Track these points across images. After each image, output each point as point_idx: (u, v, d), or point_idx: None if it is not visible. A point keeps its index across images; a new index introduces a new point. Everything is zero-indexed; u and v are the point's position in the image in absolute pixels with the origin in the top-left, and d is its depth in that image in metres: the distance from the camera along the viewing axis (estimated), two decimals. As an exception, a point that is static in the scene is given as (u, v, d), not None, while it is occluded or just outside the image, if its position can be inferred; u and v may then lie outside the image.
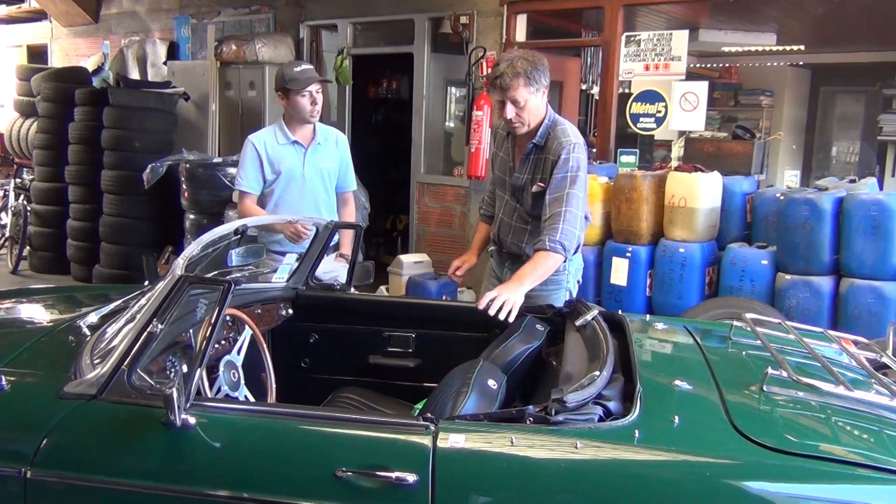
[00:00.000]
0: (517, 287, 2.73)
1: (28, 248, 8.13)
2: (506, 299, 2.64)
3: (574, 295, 3.27)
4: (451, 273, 3.35)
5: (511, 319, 2.62)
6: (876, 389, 2.18)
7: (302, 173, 3.75)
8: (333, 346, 3.19)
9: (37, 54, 11.05)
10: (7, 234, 8.44)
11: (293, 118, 3.73)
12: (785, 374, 2.13)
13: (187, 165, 6.44)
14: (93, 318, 2.72)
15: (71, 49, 10.39)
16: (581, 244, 3.13)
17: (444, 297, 5.35)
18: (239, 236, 2.81)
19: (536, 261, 2.86)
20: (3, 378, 2.17)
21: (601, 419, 1.93)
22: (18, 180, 8.63)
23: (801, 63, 9.54)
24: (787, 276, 4.32)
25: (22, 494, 1.98)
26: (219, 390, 2.32)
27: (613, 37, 5.63)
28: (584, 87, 7.44)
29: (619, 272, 4.76)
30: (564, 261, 2.95)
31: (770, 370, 2.12)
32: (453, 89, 7.11)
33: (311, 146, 3.77)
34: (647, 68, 5.45)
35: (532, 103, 2.99)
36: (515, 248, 3.22)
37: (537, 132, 3.06)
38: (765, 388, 2.11)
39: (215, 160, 6.62)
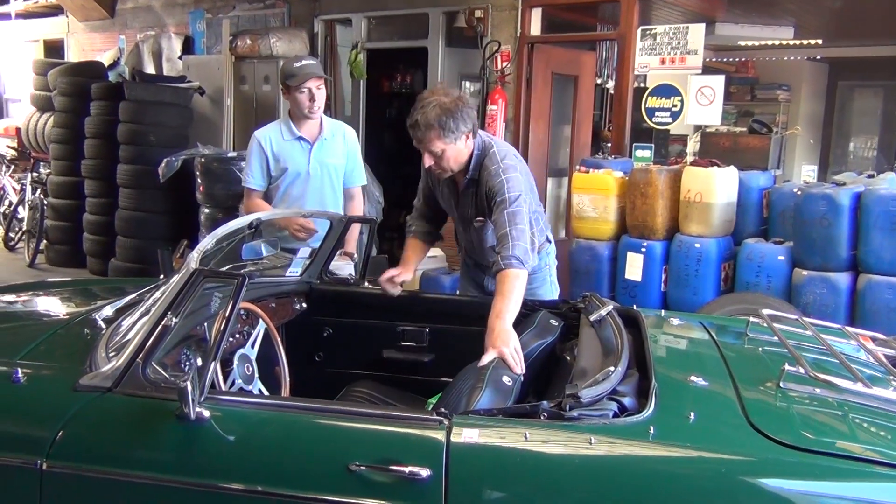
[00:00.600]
0: (502, 329, 2.42)
1: (45, 241, 8.19)
2: (503, 351, 2.33)
3: (556, 284, 3.30)
4: (384, 280, 3.04)
5: (520, 361, 2.36)
6: (894, 386, 2.15)
7: (307, 170, 3.72)
8: (347, 340, 3.19)
9: (53, 49, 11.12)
10: (24, 228, 8.50)
11: (296, 114, 3.72)
12: (802, 370, 2.11)
13: (202, 160, 6.45)
14: (108, 311, 2.73)
15: (87, 44, 10.44)
16: (542, 242, 3.12)
17: (457, 292, 5.34)
18: (253, 230, 2.81)
19: (502, 288, 2.58)
20: (20, 370, 2.18)
21: (616, 415, 1.92)
22: (35, 174, 8.70)
23: (818, 57, 9.45)
24: (804, 272, 4.28)
25: (38, 486, 2.00)
26: (233, 384, 2.33)
27: (629, 30, 5.59)
28: (598, 81, 7.41)
29: (634, 267, 4.73)
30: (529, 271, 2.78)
31: (787, 366, 2.10)
32: (468, 83, 7.09)
33: (317, 142, 3.74)
34: (662, 62, 5.41)
35: (451, 152, 2.79)
36: (481, 252, 3.16)
37: (469, 167, 2.90)
38: (782, 385, 2.09)
39: (230, 154, 6.63)
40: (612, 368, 2.09)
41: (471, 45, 6.57)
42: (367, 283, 3.34)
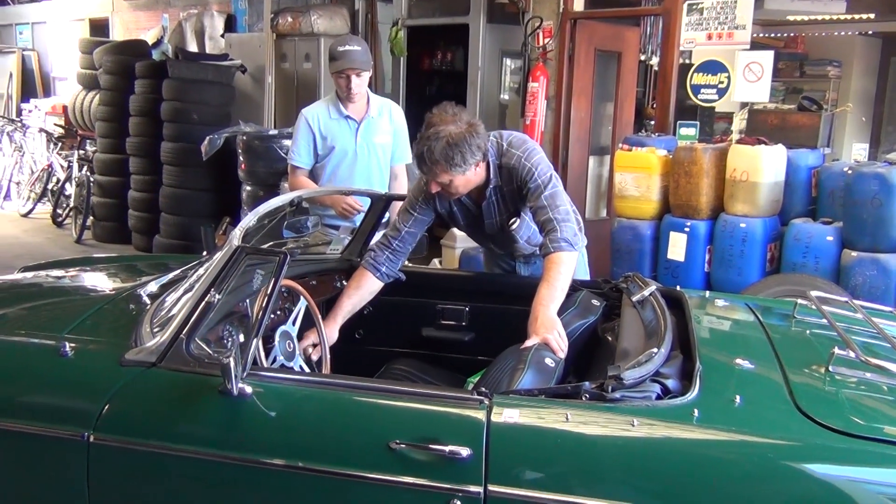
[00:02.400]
0: (546, 317, 2.35)
1: (91, 218, 8.35)
2: (547, 337, 2.27)
3: (587, 264, 3.22)
4: (302, 348, 2.56)
5: (565, 347, 2.31)
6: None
7: (354, 149, 3.72)
8: (387, 318, 3.19)
9: (98, 28, 11.26)
10: (72, 205, 8.67)
11: (340, 94, 3.71)
12: (852, 354, 2.05)
13: (244, 137, 6.50)
14: (153, 287, 2.77)
15: (131, 22, 10.56)
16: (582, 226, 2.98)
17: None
18: (294, 208, 2.82)
19: (549, 274, 2.51)
20: (68, 345, 2.22)
21: (659, 397, 1.90)
22: (82, 152, 8.85)
23: (871, 32, 9.14)
24: (854, 253, 4.17)
25: (85, 457, 2.04)
26: (274, 360, 2.35)
27: (675, 5, 5.46)
28: (642, 57, 7.28)
29: (677, 247, 4.66)
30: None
31: (837, 350, 2.05)
32: (508, 61, 7.02)
33: (364, 121, 3.73)
34: (709, 37, 5.28)
35: (459, 181, 2.64)
36: (516, 248, 3.09)
37: (489, 178, 2.76)
38: (831, 369, 2.04)
39: (271, 132, 6.68)
40: (655, 350, 2.06)
41: (512, 21, 6.49)
42: (406, 262, 3.33)
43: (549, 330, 2.28)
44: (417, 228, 2.90)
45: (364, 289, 2.86)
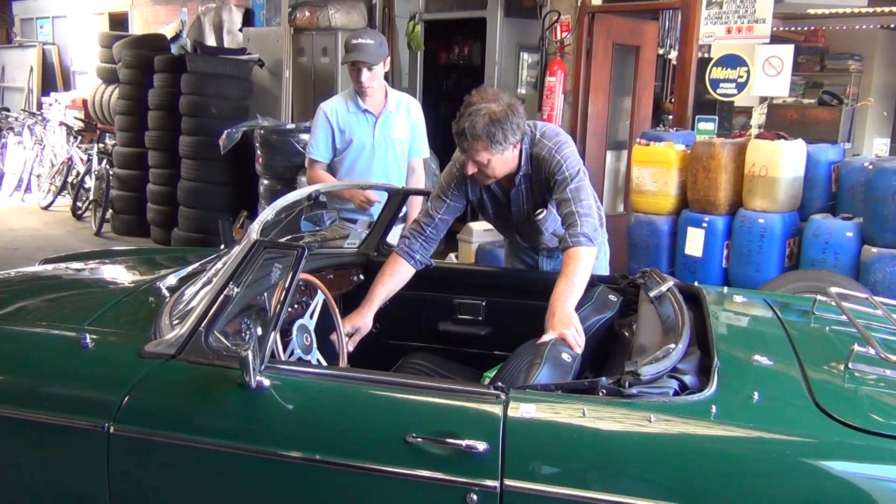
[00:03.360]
0: (563, 312, 2.34)
1: (111, 211, 8.42)
2: (564, 333, 2.26)
3: (608, 259, 3.21)
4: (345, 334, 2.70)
5: (582, 342, 2.29)
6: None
7: (372, 143, 3.73)
8: (403, 312, 3.19)
9: (118, 22, 11.33)
10: (91, 198, 8.75)
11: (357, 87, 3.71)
12: (872, 351, 2.04)
13: (261, 131, 6.53)
14: (172, 279, 2.79)
15: (150, 16, 10.62)
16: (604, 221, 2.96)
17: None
18: (312, 202, 2.83)
19: (567, 269, 2.50)
20: (89, 336, 2.24)
21: (676, 393, 1.89)
22: (101, 145, 8.92)
23: (892, 25, 9.04)
24: (874, 250, 4.13)
25: (105, 448, 2.06)
26: (292, 353, 2.36)
27: (694, -1, 5.43)
28: (661, 51, 7.23)
29: (695, 242, 4.64)
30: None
31: (856, 347, 2.04)
32: (526, 55, 7.00)
33: (381, 115, 3.74)
34: (728, 31, 5.25)
35: (497, 162, 2.66)
36: (541, 240, 3.09)
37: (520, 164, 2.78)
38: (850, 366, 2.03)
39: (288, 126, 6.70)
40: (672, 345, 2.05)
41: (530, 15, 6.47)
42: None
43: (567, 325, 2.28)
44: (450, 215, 2.92)
45: (398, 276, 2.88)
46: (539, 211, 2.92)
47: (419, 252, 2.88)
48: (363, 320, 2.76)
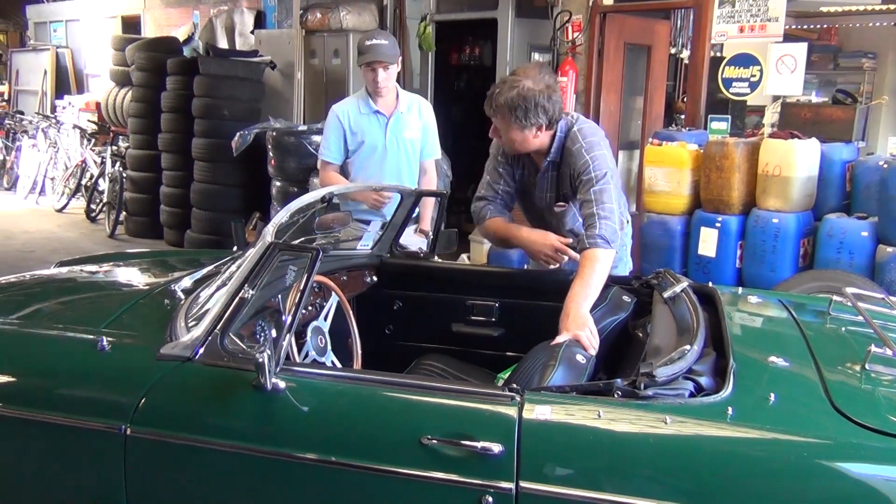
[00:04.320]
0: (577, 314, 2.34)
1: (124, 213, 8.46)
2: (578, 334, 2.26)
3: (630, 261, 3.20)
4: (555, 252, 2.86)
5: (596, 344, 2.29)
6: None
7: (384, 144, 3.74)
8: (417, 313, 3.20)
9: (131, 25, 11.39)
10: (105, 200, 8.80)
11: (370, 88, 3.72)
12: (889, 351, 2.02)
13: (273, 133, 6.55)
14: (187, 282, 2.80)
15: (163, 19, 10.67)
16: (623, 228, 2.93)
17: (525, 266, 5.31)
18: (325, 204, 2.84)
19: (583, 271, 2.50)
20: (105, 339, 2.26)
21: (692, 395, 1.88)
22: (115, 148, 8.97)
23: (907, 23, 8.97)
24: (890, 249, 4.11)
25: (122, 449, 2.07)
26: (306, 355, 2.37)
27: (706, -2, 5.41)
28: (673, 51, 7.21)
29: (708, 243, 4.62)
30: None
31: (873, 348, 2.02)
32: (537, 55, 6.98)
33: (393, 116, 3.75)
34: (741, 30, 5.23)
35: (515, 135, 2.70)
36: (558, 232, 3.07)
37: (551, 149, 2.80)
38: (867, 367, 2.01)
39: (300, 128, 6.71)
40: (687, 347, 2.05)
41: (541, 15, 6.46)
42: (436, 258, 3.35)
43: (581, 327, 2.27)
44: (509, 185, 2.99)
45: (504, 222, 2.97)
46: (560, 203, 2.92)
47: (503, 208, 2.98)
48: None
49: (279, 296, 2.42)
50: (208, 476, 2.08)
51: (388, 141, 3.74)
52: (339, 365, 2.49)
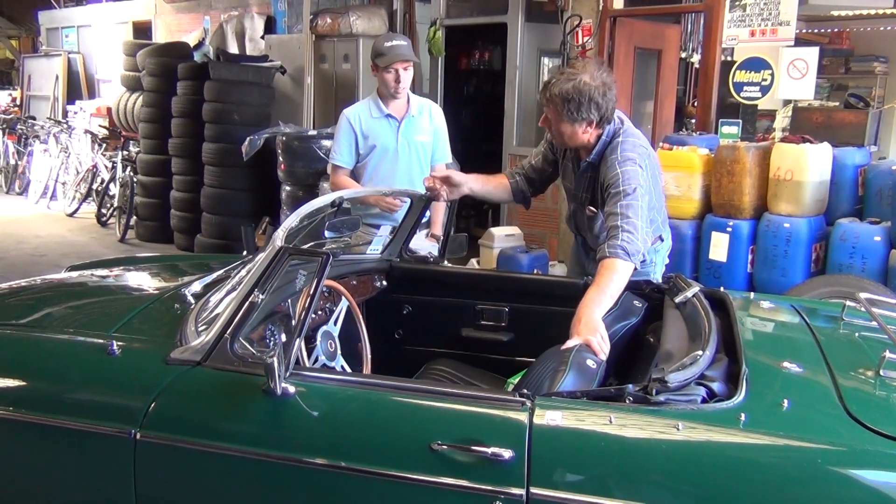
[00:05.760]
0: (589, 319, 2.29)
1: (135, 217, 8.49)
2: (588, 339, 2.22)
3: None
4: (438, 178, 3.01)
5: (607, 349, 2.26)
6: None
7: (395, 147, 3.74)
8: (426, 318, 3.20)
9: (141, 30, 11.45)
10: (115, 204, 8.83)
11: (384, 92, 3.73)
12: (904, 358, 2.00)
13: (283, 138, 6.56)
14: (197, 286, 2.81)
15: (174, 25, 10.72)
16: (654, 239, 2.90)
17: (535, 271, 5.31)
18: (335, 208, 2.84)
19: (600, 279, 2.44)
20: (115, 343, 2.26)
21: (704, 400, 1.87)
22: (126, 153, 9.00)
23: (919, 27, 8.92)
24: (902, 254, 4.08)
25: (132, 454, 2.07)
26: (316, 360, 2.36)
27: (717, 2, 5.39)
28: (683, 55, 7.19)
29: (719, 247, 4.60)
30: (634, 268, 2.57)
31: (888, 353, 2.01)
32: (547, 59, 6.98)
33: (404, 119, 3.75)
34: (752, 34, 5.20)
35: (563, 128, 2.71)
36: (590, 235, 3.07)
37: (593, 149, 2.79)
38: (882, 373, 2.00)
39: (310, 133, 6.73)
40: (699, 352, 2.03)
41: (551, 19, 6.45)
42: (446, 262, 3.34)
43: (592, 332, 2.26)
44: (542, 165, 3.10)
45: (496, 185, 3.13)
46: (591, 208, 2.93)
47: (519, 177, 3.10)
48: (458, 178, 2.99)
49: (289, 300, 2.42)
50: (218, 480, 2.08)
51: (399, 145, 3.74)
52: (348, 369, 2.48)
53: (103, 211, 9.23)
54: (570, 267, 3.41)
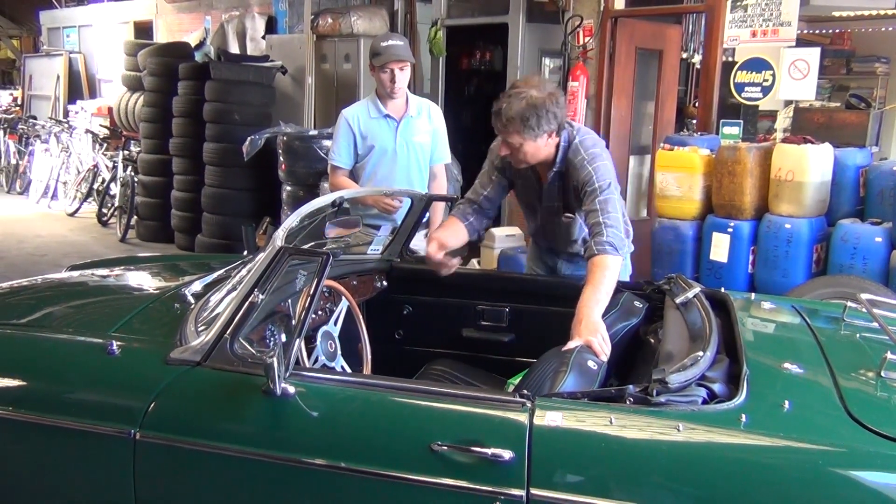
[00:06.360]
0: (590, 320, 2.31)
1: (135, 217, 8.49)
2: (590, 340, 2.24)
3: (629, 267, 3.17)
4: (436, 260, 2.89)
5: (608, 350, 2.27)
6: None
7: (394, 148, 3.73)
8: (426, 318, 3.19)
9: (143, 30, 11.46)
10: (116, 204, 8.83)
11: (381, 92, 3.72)
12: (906, 359, 2.00)
13: (284, 138, 6.56)
14: (197, 286, 2.80)
15: (175, 24, 10.73)
16: (629, 236, 2.92)
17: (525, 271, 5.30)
18: (336, 208, 2.83)
19: (593, 277, 2.48)
20: (115, 343, 2.26)
21: (705, 401, 1.86)
22: (126, 152, 9.00)
23: (921, 27, 8.91)
24: (904, 255, 4.07)
25: (131, 453, 2.07)
26: (316, 360, 2.36)
27: (718, 2, 5.38)
28: (684, 55, 7.18)
29: (720, 248, 4.59)
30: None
31: (889, 354, 2.00)
32: (548, 60, 6.97)
33: (403, 120, 3.74)
34: (753, 34, 5.20)
35: (528, 147, 2.70)
36: (564, 244, 3.09)
37: (556, 160, 2.80)
38: (883, 374, 1.99)
39: (311, 133, 6.72)
40: (700, 353, 2.02)
41: (552, 20, 6.45)
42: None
43: (593, 333, 2.26)
44: (497, 194, 3.03)
45: (456, 232, 2.98)
46: (567, 215, 2.92)
47: (472, 216, 3.00)
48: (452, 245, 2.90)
49: (289, 300, 2.42)
50: (217, 481, 2.07)
51: (398, 145, 3.74)
52: (348, 370, 2.48)
53: (104, 210, 9.23)
54: (529, 269, 3.39)
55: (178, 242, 7.98)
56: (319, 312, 2.58)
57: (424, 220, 3.44)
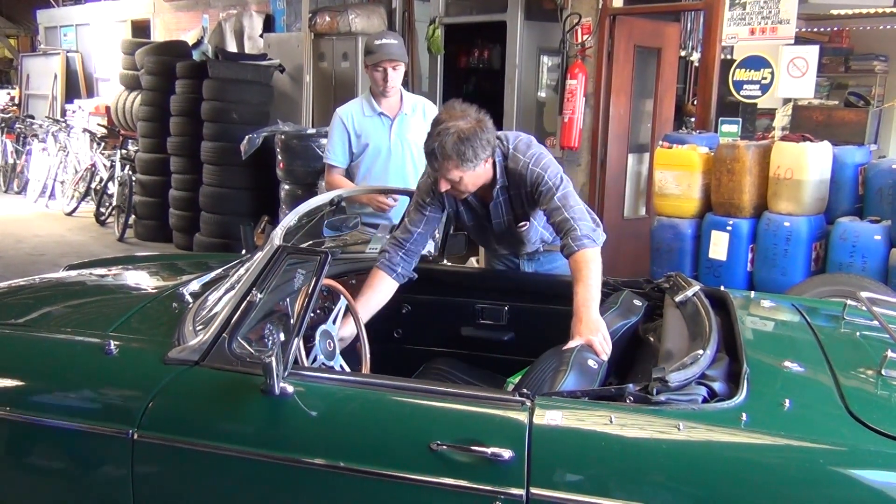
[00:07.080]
0: (590, 318, 2.31)
1: (133, 216, 8.48)
2: (591, 340, 2.24)
3: None
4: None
5: (608, 349, 2.26)
6: None
7: (388, 146, 3.72)
8: (425, 317, 3.19)
9: (140, 29, 11.44)
10: (114, 203, 8.82)
11: (375, 90, 3.71)
12: (906, 357, 2.00)
13: (282, 136, 6.55)
14: (195, 285, 2.80)
15: (172, 23, 10.71)
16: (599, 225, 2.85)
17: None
18: (334, 207, 2.83)
19: (580, 275, 2.45)
20: (113, 343, 2.25)
21: (705, 400, 1.86)
22: (124, 151, 8.98)
23: (919, 25, 8.92)
24: (903, 253, 4.07)
25: (129, 454, 2.06)
26: (315, 359, 2.35)
27: (717, 0, 5.38)
28: (683, 53, 7.18)
29: (719, 246, 4.59)
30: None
31: (890, 353, 2.00)
32: (546, 58, 6.97)
33: (397, 118, 3.73)
34: (752, 32, 5.19)
35: (469, 178, 2.60)
36: (523, 248, 3.07)
37: (496, 178, 2.72)
38: (883, 372, 1.99)
39: (309, 131, 6.72)
40: (700, 351, 2.02)
41: (550, 18, 6.44)
42: (445, 261, 3.33)
43: (594, 332, 2.25)
44: (429, 228, 2.86)
45: (381, 291, 2.78)
46: (522, 224, 2.88)
47: (400, 265, 2.78)
48: (343, 336, 2.58)
49: (287, 299, 2.41)
50: (216, 481, 2.07)
51: (392, 143, 3.73)
52: (347, 369, 2.47)
53: (102, 210, 9.22)
54: (487, 264, 3.36)
55: (176, 242, 7.97)
56: (318, 311, 2.57)
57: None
